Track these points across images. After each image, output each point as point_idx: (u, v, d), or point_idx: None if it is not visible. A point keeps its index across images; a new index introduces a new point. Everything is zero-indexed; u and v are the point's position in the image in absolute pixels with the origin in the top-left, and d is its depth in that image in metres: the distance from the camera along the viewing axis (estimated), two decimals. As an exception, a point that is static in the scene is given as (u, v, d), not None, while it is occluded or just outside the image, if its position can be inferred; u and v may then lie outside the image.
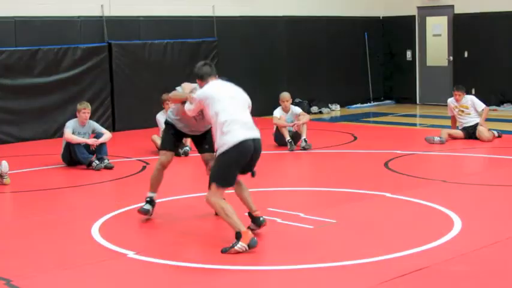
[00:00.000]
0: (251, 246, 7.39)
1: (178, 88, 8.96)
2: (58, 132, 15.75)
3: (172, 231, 8.37)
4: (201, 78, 8.39)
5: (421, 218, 8.75)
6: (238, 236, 7.43)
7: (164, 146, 9.06)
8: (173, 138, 9.02)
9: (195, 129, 8.92)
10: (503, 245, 7.48)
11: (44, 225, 8.91)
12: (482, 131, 14.45)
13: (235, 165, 7.70)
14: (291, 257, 7.29)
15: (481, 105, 14.80)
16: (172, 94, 8.96)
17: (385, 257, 7.08)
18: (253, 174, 7.96)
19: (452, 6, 21.80)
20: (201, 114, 8.35)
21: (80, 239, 8.13)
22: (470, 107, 14.79)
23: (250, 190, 10.25)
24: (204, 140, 8.93)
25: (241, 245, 7.37)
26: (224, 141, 7.63)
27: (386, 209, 9.27)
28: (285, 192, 10.06)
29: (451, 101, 15.03)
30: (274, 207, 9.00)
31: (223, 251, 7.40)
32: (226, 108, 7.78)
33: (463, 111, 14.82)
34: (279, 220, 8.54)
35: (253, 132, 7.77)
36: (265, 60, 20.32)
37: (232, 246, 7.39)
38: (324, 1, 21.89)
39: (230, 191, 8.08)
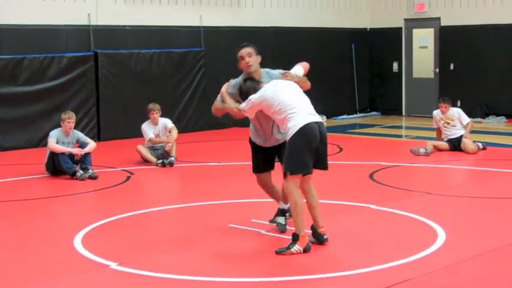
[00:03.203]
0: (306, 250, 7.63)
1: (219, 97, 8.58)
2: (42, 141, 15.66)
3: (156, 242, 8.32)
4: (255, 91, 8.15)
5: (405, 230, 8.74)
6: (295, 238, 7.66)
7: (254, 171, 8.65)
8: (259, 159, 8.56)
9: (268, 137, 8.45)
10: (486, 257, 7.47)
11: (26, 235, 8.84)
12: (467, 143, 14.49)
13: (305, 149, 7.72)
14: (275, 269, 7.26)
15: (466, 119, 14.86)
16: (214, 107, 8.58)
17: (368, 269, 7.06)
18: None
19: (439, 18, 21.90)
20: (262, 117, 8.27)
21: (62, 249, 8.06)
22: (455, 119, 14.84)
23: (234, 201, 10.29)
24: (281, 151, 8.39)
25: (297, 248, 7.60)
26: (289, 127, 7.74)
27: (370, 221, 9.25)
28: (269, 203, 10.01)
29: (436, 113, 15.08)
30: (258, 218, 8.97)
31: (278, 252, 7.62)
32: (284, 100, 7.87)
33: (448, 123, 14.86)
34: (263, 232, 8.51)
35: (315, 117, 7.90)
36: (252, 70, 20.31)
37: (288, 248, 7.62)
38: (311, 12, 21.94)
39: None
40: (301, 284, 6.82)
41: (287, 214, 8.54)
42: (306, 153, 7.73)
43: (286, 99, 7.89)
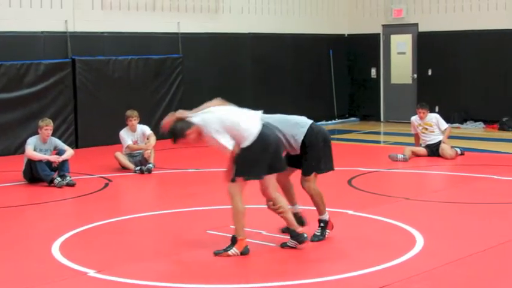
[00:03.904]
0: (243, 253, 7.82)
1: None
2: (20, 148, 15.52)
3: (135, 249, 8.29)
4: (189, 127, 7.98)
5: (384, 235, 8.75)
6: (233, 240, 7.82)
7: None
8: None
9: None
10: (465, 262, 7.50)
11: (3, 243, 8.78)
12: (445, 148, 14.54)
13: (260, 155, 7.89)
14: (252, 275, 7.26)
15: (444, 125, 14.91)
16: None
17: (347, 274, 7.07)
18: None
19: (417, 24, 22.01)
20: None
21: (40, 257, 8.02)
22: (434, 125, 14.88)
23: (212, 207, 10.26)
24: None
25: (234, 251, 7.80)
26: (244, 137, 7.84)
27: (349, 226, 9.26)
28: (247, 209, 10.00)
29: (414, 118, 15.11)
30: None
31: (216, 253, 7.80)
32: (225, 114, 7.98)
33: (426, 128, 14.90)
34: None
35: (257, 115, 8.19)
36: (230, 77, 20.31)
37: (226, 250, 7.79)
38: (289, 18, 21.97)
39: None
40: (280, 290, 6.81)
41: (321, 224, 8.56)
42: (259, 159, 7.87)
43: (228, 114, 8.01)
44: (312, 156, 8.43)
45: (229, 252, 7.78)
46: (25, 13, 16.78)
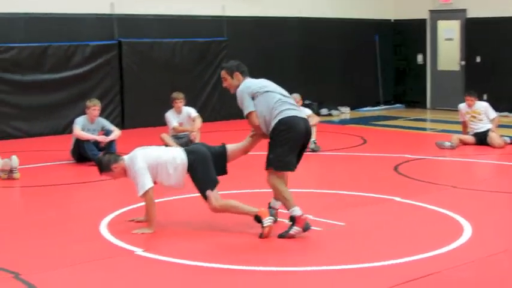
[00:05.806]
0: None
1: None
2: (67, 128, 15.75)
3: (182, 230, 8.33)
4: (116, 161, 8.47)
5: (431, 223, 8.68)
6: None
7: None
8: None
9: None
10: (513, 252, 7.43)
11: (52, 221, 8.89)
12: (494, 137, 14.35)
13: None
14: (298, 259, 7.25)
15: (493, 114, 14.70)
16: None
17: (392, 261, 7.02)
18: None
19: (465, 10, 21.74)
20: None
21: (88, 235, 8.10)
22: (482, 113, 14.68)
23: (256, 190, 10.27)
24: None
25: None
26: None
27: (395, 213, 9.21)
28: (294, 193, 9.98)
29: (462, 106, 14.95)
30: (283, 208, 8.93)
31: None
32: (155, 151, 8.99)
33: (475, 117, 14.72)
34: (287, 221, 8.47)
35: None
36: (275, 61, 20.28)
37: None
38: (335, 3, 21.87)
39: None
40: (321, 274, 6.77)
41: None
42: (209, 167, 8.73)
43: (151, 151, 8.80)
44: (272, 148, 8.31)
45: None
46: (72, -5, 16.96)
